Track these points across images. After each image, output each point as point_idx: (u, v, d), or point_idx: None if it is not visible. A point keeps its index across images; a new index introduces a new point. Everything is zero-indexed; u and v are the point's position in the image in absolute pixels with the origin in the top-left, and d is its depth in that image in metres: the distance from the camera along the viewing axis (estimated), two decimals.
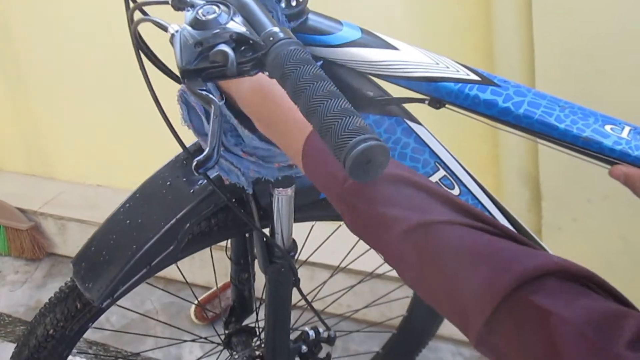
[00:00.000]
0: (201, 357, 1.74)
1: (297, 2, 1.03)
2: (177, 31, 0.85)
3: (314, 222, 1.40)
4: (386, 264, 1.55)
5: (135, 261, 1.14)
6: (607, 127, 1.01)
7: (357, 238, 0.90)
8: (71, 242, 2.72)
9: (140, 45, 0.99)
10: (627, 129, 1.01)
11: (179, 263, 1.23)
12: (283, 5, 1.02)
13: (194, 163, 0.78)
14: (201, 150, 1.09)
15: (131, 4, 1.00)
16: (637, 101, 1.59)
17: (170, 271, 1.57)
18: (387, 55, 1.04)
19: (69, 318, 1.27)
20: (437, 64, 1.04)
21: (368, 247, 1.41)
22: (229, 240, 1.43)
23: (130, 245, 1.15)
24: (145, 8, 1.00)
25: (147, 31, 0.99)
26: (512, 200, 1.93)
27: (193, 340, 1.73)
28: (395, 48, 1.05)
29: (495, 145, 1.95)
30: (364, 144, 0.69)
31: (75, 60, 2.60)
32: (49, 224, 2.80)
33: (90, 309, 1.27)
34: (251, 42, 0.83)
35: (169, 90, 1.06)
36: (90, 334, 2.39)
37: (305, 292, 1.35)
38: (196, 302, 1.87)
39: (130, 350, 2.27)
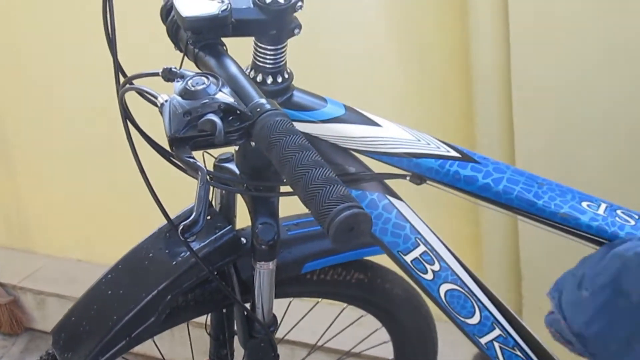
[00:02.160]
0: None
1: (283, 79, 1.06)
2: (166, 101, 0.87)
3: (292, 299, 1.40)
4: (366, 342, 1.55)
5: (116, 332, 1.13)
6: (584, 204, 1.02)
7: (336, 315, 0.90)
8: (50, 317, 2.68)
9: (127, 115, 1.01)
10: (603, 205, 1.03)
11: (159, 340, 1.22)
12: (269, 81, 1.04)
13: (180, 228, 0.79)
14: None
15: (121, 78, 1.02)
16: (611, 183, 1.62)
17: (151, 348, 1.55)
18: (369, 131, 1.06)
19: None
20: (419, 140, 1.06)
21: (346, 325, 1.42)
22: (209, 316, 1.43)
23: (111, 316, 1.14)
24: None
25: (132, 103, 1.01)
26: (492, 279, 1.93)
27: None
28: (377, 124, 1.07)
29: (477, 223, 1.96)
30: (348, 212, 0.70)
31: (60, 134, 2.61)
32: (28, 299, 2.77)
33: None
34: (239, 112, 0.85)
35: (154, 162, 1.07)
36: None
37: None
38: None
39: None
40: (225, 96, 0.86)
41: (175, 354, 2.39)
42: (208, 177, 1.00)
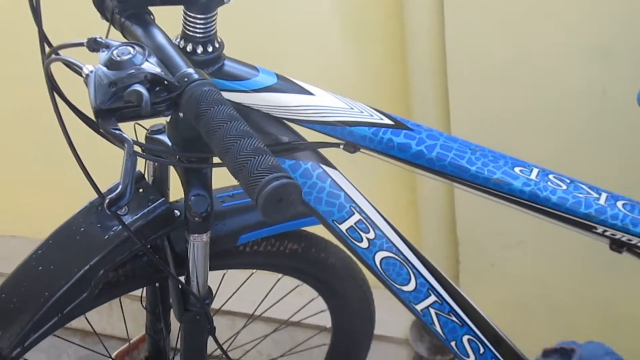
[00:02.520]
0: None
1: (214, 48, 1.04)
2: (91, 71, 0.85)
3: (226, 270, 1.39)
4: (304, 311, 1.55)
5: (47, 309, 1.11)
6: (517, 169, 1.03)
7: (273, 284, 0.90)
8: None
9: (54, 87, 0.98)
10: (535, 170, 1.04)
11: (96, 314, 1.21)
12: (199, 51, 1.02)
13: (106, 201, 0.78)
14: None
15: (47, 48, 0.99)
16: (546, 150, 1.63)
17: (88, 322, 1.54)
18: (302, 100, 1.05)
19: None
20: (352, 108, 1.05)
21: (284, 294, 1.42)
22: (145, 290, 1.41)
23: (42, 292, 1.12)
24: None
25: (58, 73, 0.98)
26: (429, 246, 1.94)
27: None
28: (310, 93, 1.06)
29: (413, 190, 1.97)
30: (276, 182, 0.69)
31: None
32: None
33: None
34: (166, 82, 0.83)
35: (84, 134, 1.05)
36: None
37: (222, 341, 1.34)
38: (110, 355, 1.82)
39: None
40: (151, 66, 0.84)
41: (113, 327, 2.37)
42: (140, 149, 0.98)
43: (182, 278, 1.22)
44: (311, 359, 1.83)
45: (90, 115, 0.89)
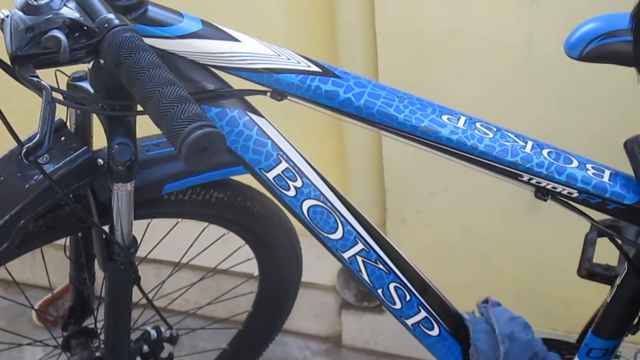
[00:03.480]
0: None
1: None
2: (7, 16, 0.82)
3: (151, 219, 1.37)
4: (231, 259, 1.54)
5: None
6: (444, 117, 1.03)
7: (198, 233, 0.89)
8: None
9: None
10: (462, 119, 1.04)
11: (19, 264, 1.18)
12: None
13: (24, 150, 0.76)
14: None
15: None
16: (470, 95, 1.64)
17: (10, 272, 1.51)
18: (228, 46, 1.03)
19: None
20: (279, 55, 1.04)
21: (211, 242, 1.40)
22: (68, 239, 1.39)
23: None
24: None
25: None
26: (357, 194, 1.95)
27: (29, 344, 1.66)
28: (236, 40, 1.04)
29: (340, 139, 1.97)
30: (200, 131, 0.68)
31: None
32: None
33: None
34: (85, 28, 0.81)
35: (2, 81, 1.02)
36: None
37: (148, 290, 1.33)
38: (32, 306, 1.80)
39: None
40: (70, 11, 0.82)
41: (36, 277, 2.34)
42: (61, 97, 0.96)
43: (106, 227, 1.20)
44: (238, 307, 1.83)
45: (7, 61, 0.86)
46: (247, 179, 1.21)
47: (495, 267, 1.88)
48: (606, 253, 1.21)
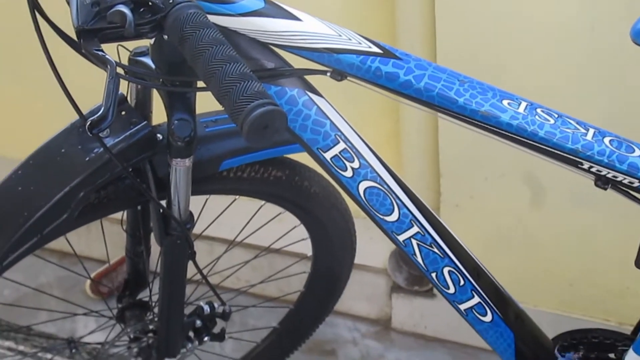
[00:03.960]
0: (93, 331, 1.71)
1: None
2: None
3: (208, 196, 1.38)
4: (285, 238, 1.55)
5: (26, 229, 1.11)
6: (505, 102, 1.02)
7: (254, 212, 0.90)
8: None
9: (35, 5, 0.96)
10: (523, 104, 1.03)
11: (75, 236, 1.20)
12: None
13: (88, 123, 0.76)
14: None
15: None
16: (533, 81, 1.62)
17: (67, 243, 1.53)
18: (289, 25, 1.03)
19: None
20: (340, 35, 1.04)
21: (265, 221, 1.41)
22: (125, 213, 1.41)
23: (21, 213, 1.11)
24: None
25: None
26: (411, 177, 1.94)
27: (85, 314, 1.69)
28: (298, 19, 1.04)
29: (397, 121, 1.96)
30: (262, 109, 0.68)
31: None
32: None
33: None
34: (150, 3, 0.81)
35: (65, 54, 1.03)
36: None
37: (202, 267, 1.34)
38: (89, 275, 1.83)
39: (22, 324, 2.22)
40: None
41: (92, 249, 2.37)
42: (122, 71, 0.97)
43: (163, 202, 1.21)
44: (290, 287, 1.83)
45: (73, 35, 0.87)
46: (304, 158, 1.21)
47: (549, 254, 1.86)
48: None
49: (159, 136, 1.17)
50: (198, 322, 1.46)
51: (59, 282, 2.44)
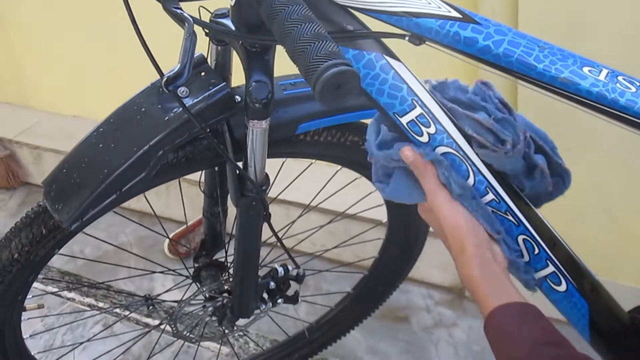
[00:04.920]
0: (170, 290, 1.74)
1: None
2: None
3: (285, 159, 1.39)
4: (360, 204, 1.55)
5: (106, 186, 1.13)
6: (585, 69, 1.00)
7: (330, 177, 0.90)
8: (46, 171, 2.68)
9: None
10: (604, 71, 1.00)
11: (154, 196, 1.22)
12: None
13: (164, 79, 0.77)
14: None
15: None
16: (615, 48, 1.58)
17: (146, 204, 1.56)
18: None
19: (34, 243, 1.27)
20: None
21: (341, 186, 1.41)
22: (203, 174, 1.42)
23: (102, 169, 1.13)
24: None
25: None
26: None
27: (162, 272, 1.72)
28: None
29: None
30: (335, 69, 0.68)
31: None
32: (25, 153, 2.78)
33: (55, 234, 1.26)
34: None
35: (147, 15, 1.04)
36: (63, 264, 2.39)
37: (277, 229, 1.35)
38: (167, 235, 1.87)
39: (102, 280, 2.28)
40: None
41: (170, 210, 2.42)
42: (204, 31, 0.97)
43: (240, 164, 1.23)
44: (365, 252, 1.84)
45: None
46: None
47: (626, 226, 1.83)
48: None
49: (237, 98, 1.17)
50: (272, 284, 1.48)
51: (138, 241, 2.49)
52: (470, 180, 1.08)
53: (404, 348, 2.05)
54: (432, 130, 1.07)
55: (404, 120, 1.07)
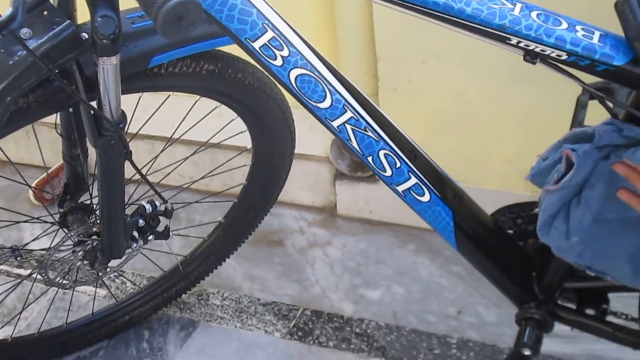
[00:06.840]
0: (36, 238, 1.70)
1: None
2: None
3: (141, 94, 1.36)
4: (223, 132, 1.54)
5: None
6: None
7: (190, 107, 0.88)
8: None
9: None
10: None
11: (13, 143, 1.18)
12: None
13: None
14: None
15: None
16: None
17: (6, 152, 1.51)
18: None
19: None
20: None
21: (202, 116, 1.39)
22: (59, 116, 1.38)
23: None
24: None
25: None
26: (349, 63, 1.93)
27: (26, 222, 1.67)
28: None
29: (331, 9, 1.94)
30: (174, 0, 0.66)
31: None
32: None
33: None
34: None
35: None
36: None
37: (142, 165, 1.33)
38: (28, 184, 1.81)
39: None
40: None
41: (32, 156, 2.35)
42: None
43: (93, 103, 1.19)
44: (233, 180, 1.84)
45: None
46: (236, 50, 1.19)
47: (487, 133, 1.88)
48: (597, 116, 1.21)
49: (85, 35, 1.13)
50: (141, 222, 1.46)
51: (2, 191, 2.42)
52: (328, 101, 1.09)
53: (280, 271, 2.08)
54: (285, 53, 1.07)
55: (257, 45, 1.07)
